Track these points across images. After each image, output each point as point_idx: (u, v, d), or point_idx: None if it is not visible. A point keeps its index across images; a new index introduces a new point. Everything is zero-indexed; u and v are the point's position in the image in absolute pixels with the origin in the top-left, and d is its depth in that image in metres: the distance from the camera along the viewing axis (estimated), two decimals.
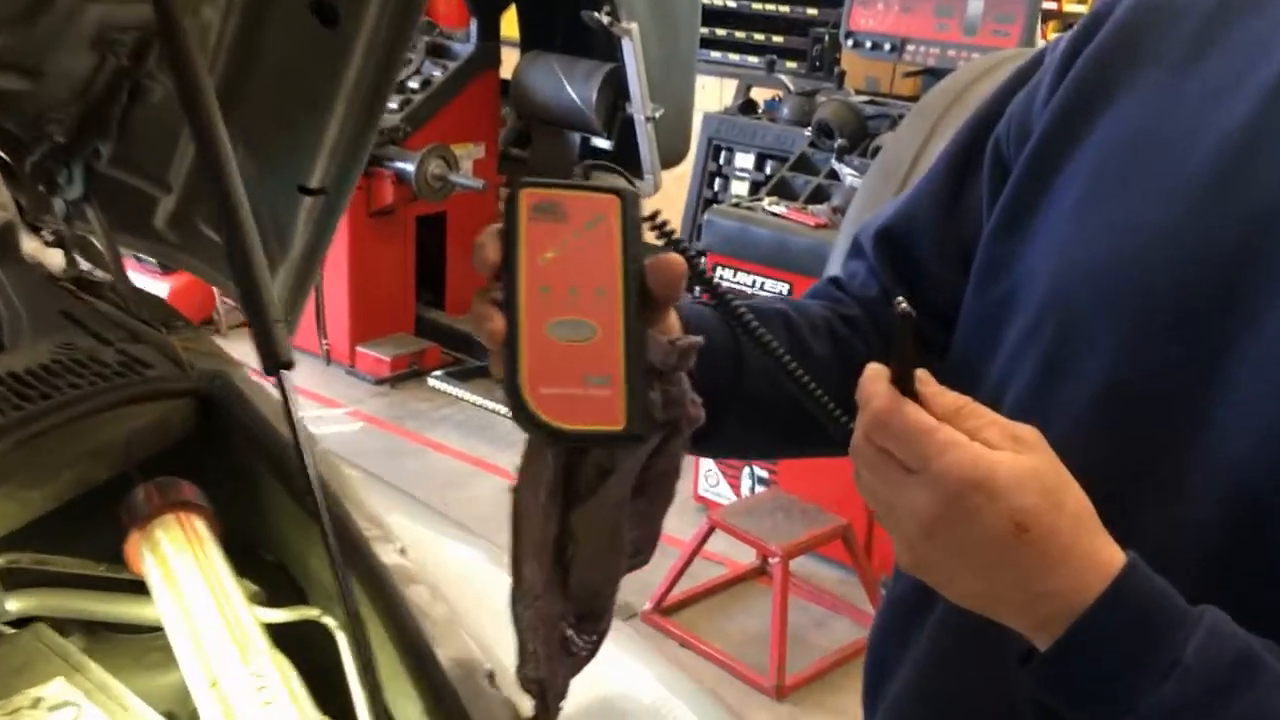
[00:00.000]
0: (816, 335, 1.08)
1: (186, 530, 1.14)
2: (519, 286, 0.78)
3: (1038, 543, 0.72)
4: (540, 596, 0.91)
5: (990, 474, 0.72)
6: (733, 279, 4.14)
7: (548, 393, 0.76)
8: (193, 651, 1.02)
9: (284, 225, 1.56)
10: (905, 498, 0.74)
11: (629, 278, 0.80)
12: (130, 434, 1.27)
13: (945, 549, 0.74)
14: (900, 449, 0.74)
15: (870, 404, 0.76)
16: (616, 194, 0.83)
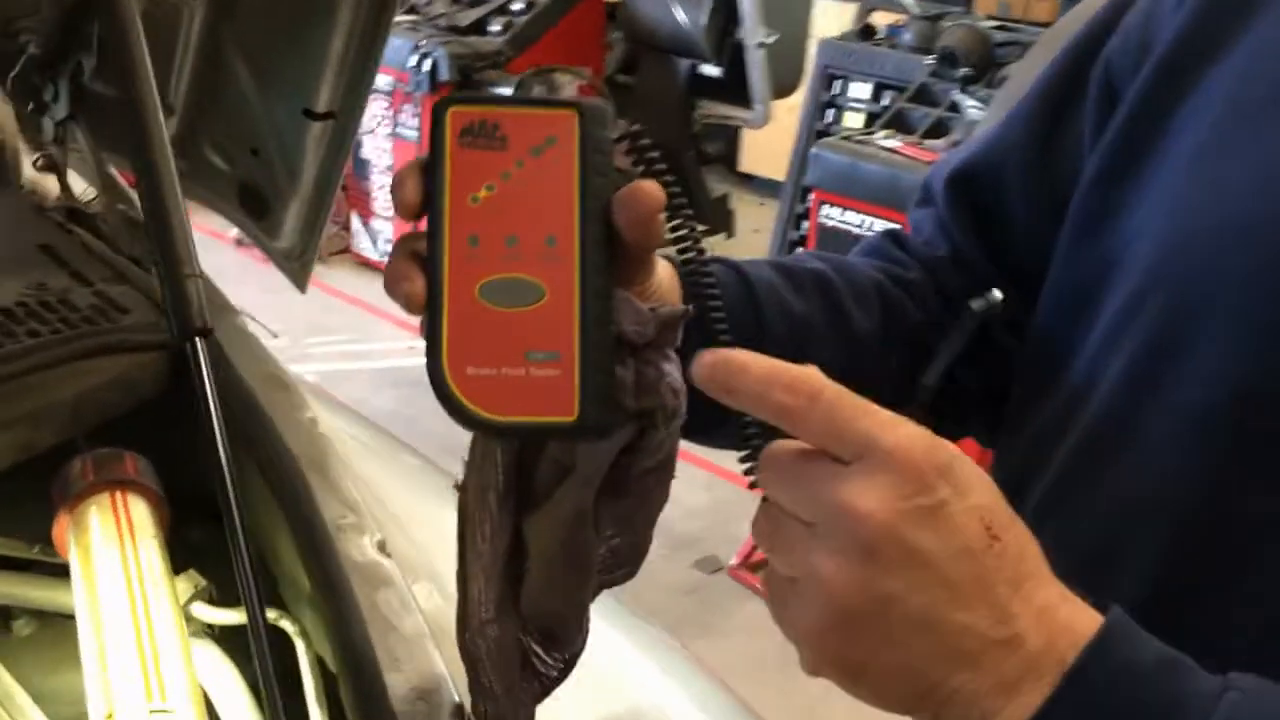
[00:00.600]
0: (861, 303, 0.88)
1: (119, 515, 0.97)
2: (443, 236, 0.61)
3: (1010, 561, 0.54)
4: (491, 621, 0.73)
5: (953, 460, 0.54)
6: (839, 218, 3.86)
7: (477, 374, 0.60)
8: (96, 671, 0.85)
9: (292, 155, 1.38)
10: (839, 500, 0.54)
11: (588, 220, 0.61)
12: (80, 394, 1.10)
13: (896, 569, 0.53)
14: (829, 432, 0.55)
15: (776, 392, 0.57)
16: (573, 107, 0.62)
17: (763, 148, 6.58)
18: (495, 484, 0.69)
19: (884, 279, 0.90)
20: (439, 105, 0.63)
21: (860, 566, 0.53)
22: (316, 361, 4.72)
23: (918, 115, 4.08)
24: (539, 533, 0.69)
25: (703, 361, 0.59)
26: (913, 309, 0.89)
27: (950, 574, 0.53)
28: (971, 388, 0.92)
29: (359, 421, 1.72)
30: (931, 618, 0.53)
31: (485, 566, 0.71)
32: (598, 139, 0.63)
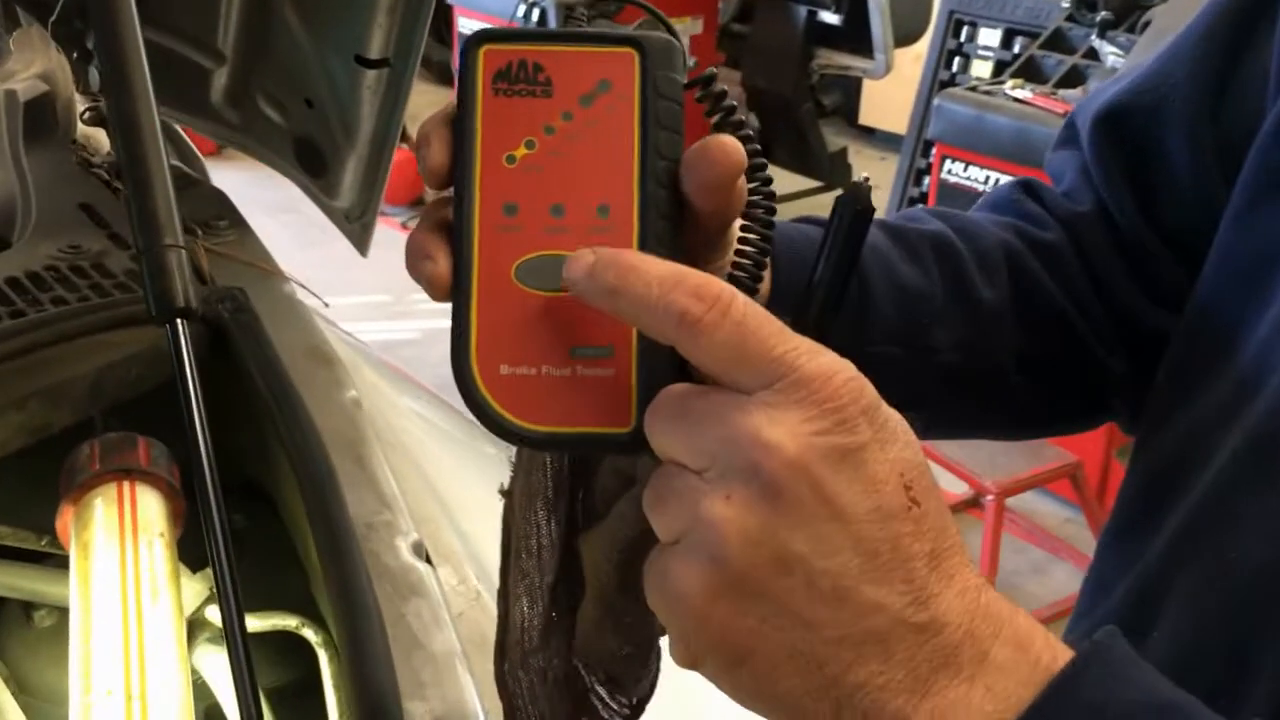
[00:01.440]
0: (987, 269, 0.76)
1: (124, 509, 0.87)
2: (473, 204, 0.50)
3: (930, 531, 0.45)
4: (537, 651, 0.61)
5: (879, 401, 0.45)
6: (963, 174, 3.63)
7: (512, 374, 0.49)
8: (79, 675, 0.76)
9: (347, 107, 1.26)
10: (739, 430, 0.44)
11: (650, 183, 0.50)
12: (102, 369, 1.01)
13: (803, 520, 0.43)
14: (737, 352, 0.44)
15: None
16: (632, 43, 0.51)
17: (883, 99, 6.32)
18: (544, 491, 0.58)
19: (1015, 241, 0.77)
20: (468, 42, 0.51)
21: (760, 510, 0.43)
22: (420, 318, 4.68)
23: (1051, 63, 3.82)
24: (594, 553, 0.57)
25: (580, 261, 0.47)
26: (1048, 278, 0.75)
27: (865, 535, 0.43)
28: (1115, 368, 0.79)
29: (435, 403, 1.62)
30: (839, 588, 0.43)
31: (531, 588, 0.60)
32: (663, 83, 0.51)
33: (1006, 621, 0.45)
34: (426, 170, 0.51)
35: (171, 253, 0.68)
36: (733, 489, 0.43)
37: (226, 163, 3.07)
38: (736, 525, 0.43)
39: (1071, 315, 0.78)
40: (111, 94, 0.70)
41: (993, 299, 0.76)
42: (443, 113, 0.52)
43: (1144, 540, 0.72)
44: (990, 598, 0.45)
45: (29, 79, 1.37)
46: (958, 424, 0.82)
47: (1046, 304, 0.77)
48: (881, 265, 0.74)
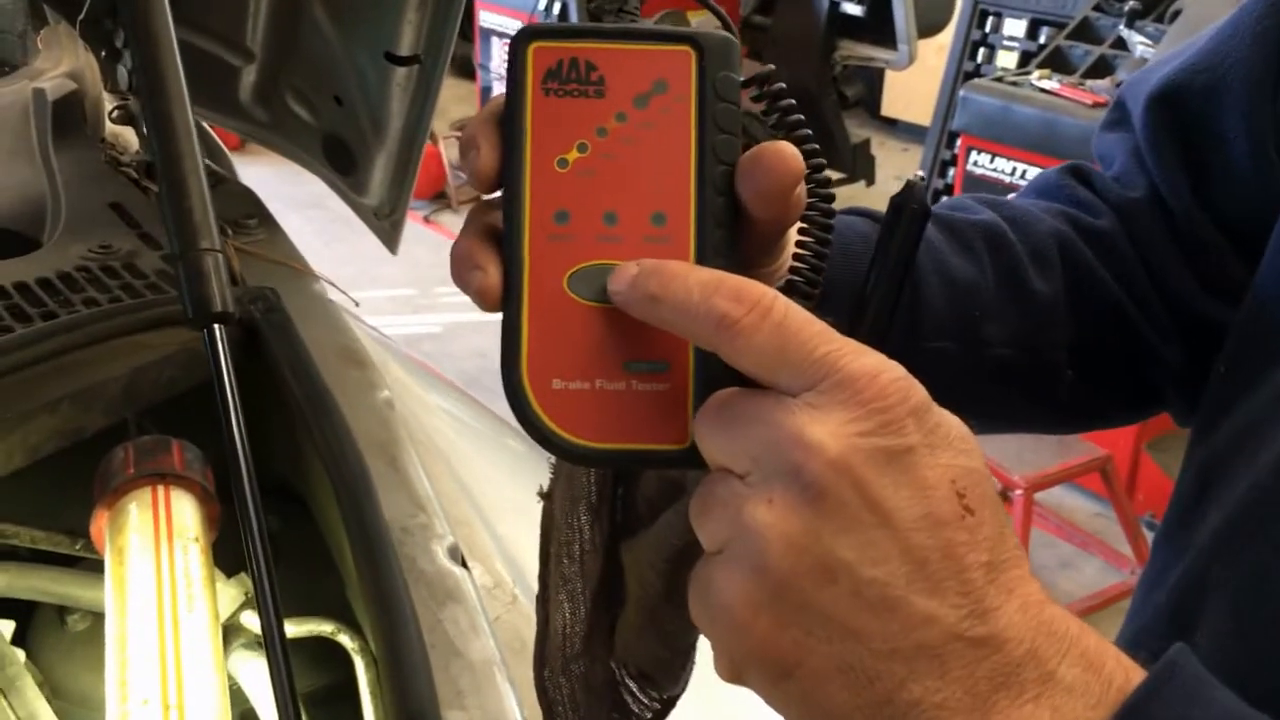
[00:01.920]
0: (1040, 260, 0.73)
1: (158, 515, 0.86)
2: (522, 211, 0.48)
3: (985, 540, 0.42)
4: (579, 657, 0.60)
5: (930, 403, 0.43)
6: (989, 165, 3.60)
7: (565, 388, 0.47)
8: (115, 684, 0.75)
9: (377, 104, 1.25)
10: (781, 431, 0.42)
11: (708, 190, 0.48)
12: (135, 371, 1.00)
13: (847, 525, 0.41)
14: (779, 354, 0.43)
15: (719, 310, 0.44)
16: (689, 41, 0.49)
17: (906, 90, 6.27)
18: (587, 496, 0.57)
19: (1067, 230, 0.74)
20: (517, 39, 0.49)
21: (803, 514, 0.41)
22: (444, 312, 4.67)
23: (1078, 53, 3.78)
24: (639, 561, 0.56)
25: (624, 272, 0.46)
26: (1101, 268, 0.73)
27: (914, 542, 0.41)
28: (1169, 358, 0.77)
29: (463, 400, 1.61)
30: (888, 598, 0.41)
31: (573, 593, 0.59)
32: (722, 83, 0.49)
33: (1075, 639, 0.42)
34: (475, 174, 0.49)
35: (208, 256, 0.67)
36: (775, 492, 0.41)
37: (249, 158, 3.07)
38: (778, 530, 0.41)
39: (1126, 305, 0.76)
40: (145, 94, 0.69)
41: (1046, 291, 0.73)
42: (488, 112, 0.50)
43: (1193, 535, 0.70)
44: (1056, 613, 0.42)
45: (57, 77, 1.36)
46: (1007, 418, 0.80)
47: (1101, 295, 0.75)
48: (932, 257, 0.72)
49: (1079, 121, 3.36)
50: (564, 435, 0.47)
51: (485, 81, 5.39)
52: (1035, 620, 0.42)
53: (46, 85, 1.35)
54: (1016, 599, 0.42)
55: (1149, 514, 3.39)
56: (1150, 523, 3.37)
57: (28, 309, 1.05)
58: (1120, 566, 3.30)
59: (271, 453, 1.08)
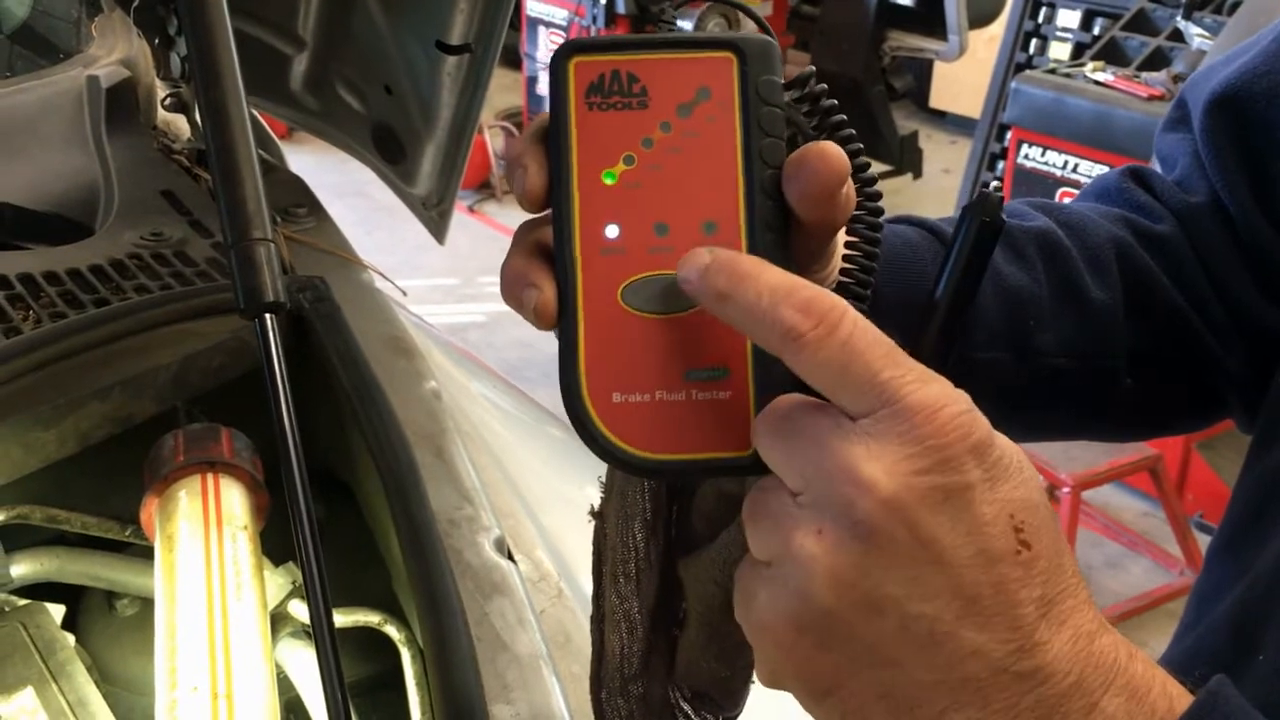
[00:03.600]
0: (1097, 267, 0.72)
1: (208, 502, 0.86)
2: (572, 226, 0.48)
3: (1040, 575, 0.41)
4: (637, 678, 0.59)
5: (991, 437, 0.42)
6: (1040, 159, 3.55)
7: (625, 400, 0.47)
8: (165, 670, 0.75)
9: (427, 93, 1.24)
10: (836, 462, 0.41)
11: (757, 196, 0.48)
12: (185, 359, 1.00)
13: (897, 562, 0.41)
14: (843, 373, 0.42)
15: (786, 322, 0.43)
16: (729, 47, 0.49)
17: (955, 82, 6.20)
18: (642, 513, 0.55)
19: (1125, 235, 0.72)
20: (557, 56, 0.49)
21: (852, 550, 0.41)
22: (487, 301, 4.68)
23: (1133, 45, 3.72)
24: (700, 578, 0.55)
25: (696, 260, 0.45)
26: (1161, 275, 0.71)
27: (964, 581, 0.41)
28: (1231, 366, 0.75)
29: (505, 388, 1.60)
30: (936, 633, 0.41)
31: (629, 613, 0.57)
32: (764, 87, 0.48)
33: (1121, 669, 0.42)
34: (524, 194, 0.48)
35: (260, 246, 0.67)
36: (824, 524, 0.41)
37: (293, 145, 3.08)
38: (825, 564, 0.41)
39: (1186, 313, 0.74)
40: (200, 83, 0.69)
41: (1104, 299, 0.72)
42: (533, 131, 0.50)
43: (1252, 552, 0.68)
44: (1104, 644, 0.42)
45: (111, 65, 1.37)
46: (1065, 427, 0.79)
47: (1161, 302, 0.73)
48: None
49: (1133, 115, 3.30)
50: (627, 448, 0.47)
51: (531, 71, 5.39)
52: (1084, 651, 0.41)
53: (100, 73, 1.35)
54: (1068, 630, 0.41)
55: (1198, 514, 3.33)
56: (1200, 523, 3.31)
57: (80, 295, 1.05)
58: (1169, 567, 3.25)
59: (317, 441, 1.08)
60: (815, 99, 0.51)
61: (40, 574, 0.93)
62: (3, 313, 1.02)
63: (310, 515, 0.65)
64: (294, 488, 0.66)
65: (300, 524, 0.65)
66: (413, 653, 0.89)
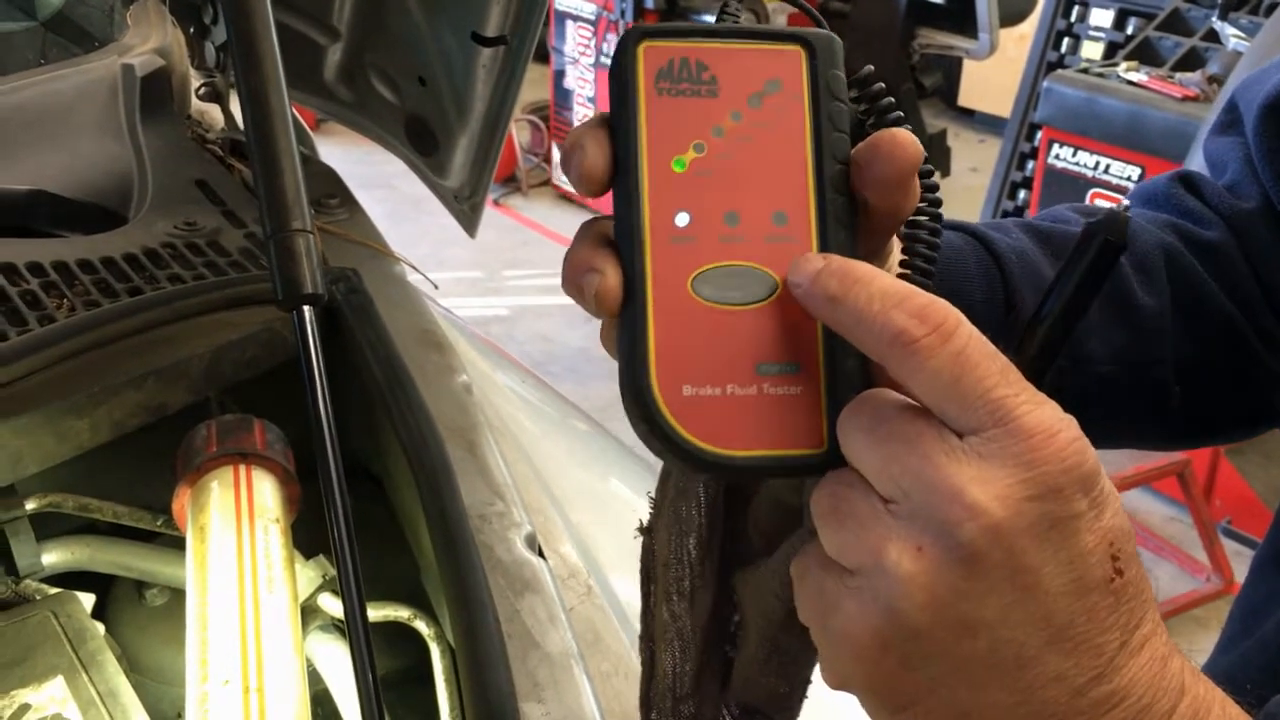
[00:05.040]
0: (1145, 273, 0.71)
1: (240, 494, 0.86)
2: (642, 213, 0.47)
3: (1127, 602, 0.41)
4: (689, 697, 0.57)
5: (1099, 467, 0.41)
6: (1071, 159, 3.52)
7: (696, 394, 0.46)
8: (197, 681, 0.75)
9: (461, 85, 1.24)
10: (944, 480, 0.40)
11: (828, 187, 0.47)
12: (218, 349, 1.00)
13: (995, 589, 0.40)
14: (953, 385, 0.41)
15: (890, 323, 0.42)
16: (798, 41, 0.49)
17: (985, 81, 6.16)
18: (697, 528, 0.54)
19: (1174, 241, 0.71)
20: (626, 39, 0.48)
21: (953, 573, 0.40)
22: (511, 295, 4.69)
23: (1168, 45, 3.68)
24: (760, 591, 0.53)
25: (810, 265, 0.44)
26: (1211, 281, 0.70)
27: (1059, 608, 0.40)
28: None
29: (531, 381, 1.60)
30: (1022, 658, 0.40)
31: (683, 631, 0.56)
32: (833, 82, 0.48)
33: (1186, 689, 0.42)
34: (581, 176, 0.47)
35: (300, 237, 0.66)
36: (925, 541, 0.40)
37: (322, 137, 3.09)
38: (923, 583, 0.40)
39: (1237, 320, 0.73)
40: (240, 73, 0.68)
41: (1152, 306, 0.71)
42: (596, 117, 0.49)
43: None
44: (1174, 668, 0.42)
45: (146, 53, 1.37)
46: (1113, 435, 0.78)
47: (1210, 309, 0.72)
48: (1028, 273, 0.69)
49: (1166, 115, 3.27)
50: (700, 444, 0.45)
51: (559, 65, 5.38)
52: (1157, 675, 0.41)
53: (135, 61, 1.35)
54: (1144, 655, 0.41)
55: (1226, 520, 3.30)
56: (1228, 529, 3.28)
57: (115, 284, 1.05)
58: (1195, 573, 3.22)
59: (348, 433, 1.07)
60: (874, 98, 0.50)
61: (71, 563, 0.93)
62: (37, 300, 1.02)
63: (345, 508, 0.65)
64: (329, 479, 0.65)
65: (335, 517, 0.65)
66: (442, 648, 0.89)
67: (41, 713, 0.79)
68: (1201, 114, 3.12)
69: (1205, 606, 3.11)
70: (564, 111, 5.39)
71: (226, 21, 0.69)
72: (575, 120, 5.33)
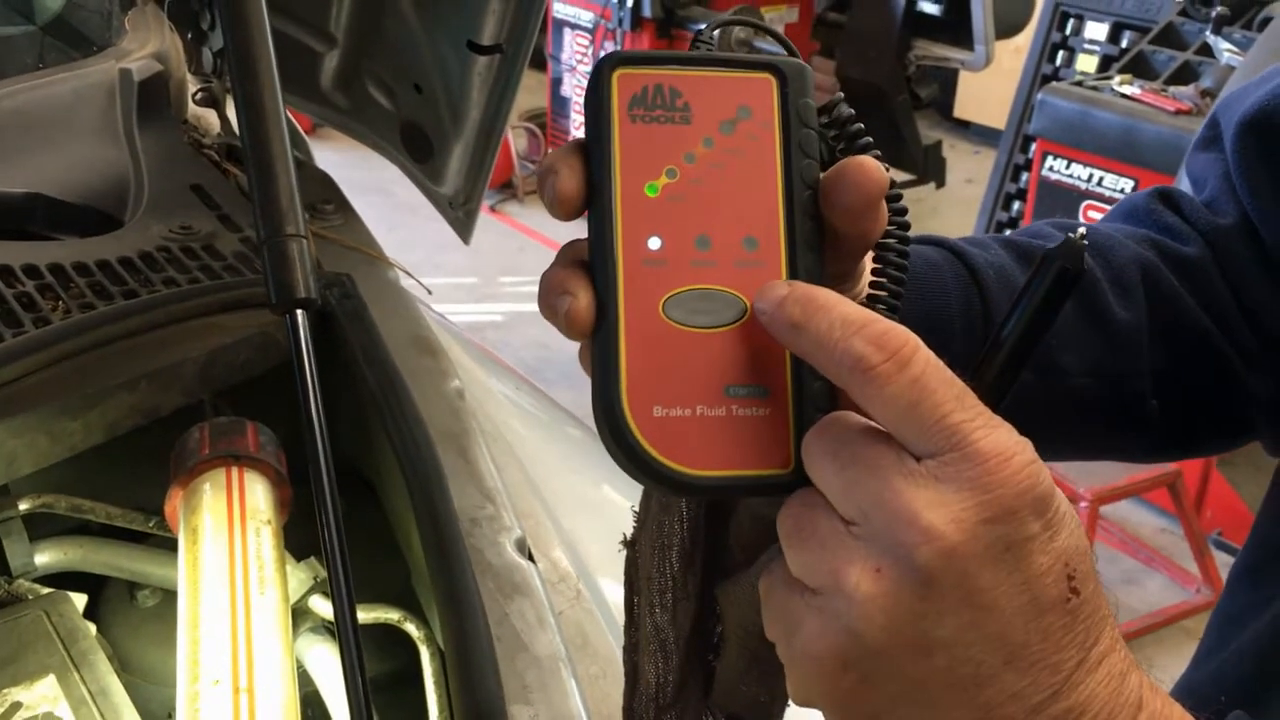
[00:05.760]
0: (1122, 287, 0.72)
1: (232, 496, 0.87)
2: (614, 237, 0.48)
3: (1084, 620, 0.42)
4: (669, 708, 0.59)
5: (1052, 489, 0.42)
6: (1065, 171, 3.53)
7: (666, 415, 0.47)
8: (188, 681, 0.75)
9: (457, 92, 1.25)
10: (901, 504, 0.41)
11: (797, 213, 0.49)
12: (212, 352, 1.01)
13: (951, 610, 0.41)
14: (910, 410, 0.42)
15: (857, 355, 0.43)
16: (769, 69, 0.50)
17: (980, 92, 6.18)
18: (679, 541, 0.55)
19: (1152, 256, 0.72)
20: (600, 66, 0.49)
21: (910, 594, 0.41)
22: (506, 301, 4.69)
23: (1161, 59, 3.70)
24: (740, 603, 0.54)
25: (774, 292, 0.45)
26: (1188, 296, 0.70)
27: (1015, 628, 0.42)
28: (1259, 389, 0.75)
29: (525, 387, 1.60)
30: (980, 676, 0.42)
31: (664, 642, 0.57)
32: (802, 109, 0.49)
33: (1144, 707, 0.43)
34: (555, 200, 0.48)
35: (294, 242, 0.67)
36: (884, 564, 0.41)
37: (317, 142, 3.09)
38: (881, 604, 0.41)
39: (1213, 335, 0.74)
40: (236, 78, 0.69)
41: (1128, 320, 0.71)
42: (571, 143, 0.50)
43: (1277, 578, 0.68)
44: (1132, 684, 0.43)
45: (143, 58, 1.38)
46: (1089, 448, 0.79)
47: (1187, 324, 0.73)
48: (1006, 287, 0.70)
49: (1160, 129, 3.29)
50: (669, 464, 0.46)
51: (556, 73, 5.40)
52: (1115, 691, 0.43)
53: (133, 66, 1.36)
54: (1102, 671, 0.43)
55: (1217, 532, 3.31)
56: (1218, 541, 3.29)
57: (109, 287, 1.06)
58: (1185, 584, 3.23)
59: (340, 436, 1.08)
60: (842, 123, 0.52)
61: (64, 563, 0.94)
62: (32, 302, 1.02)
63: (336, 510, 0.65)
64: (321, 482, 0.66)
65: (326, 519, 0.66)
66: (431, 651, 0.89)
67: (32, 711, 0.79)
68: (1194, 128, 3.14)
69: (1194, 618, 3.12)
70: (560, 119, 5.40)
71: (222, 26, 0.70)
72: (572, 128, 5.34)
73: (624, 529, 0.58)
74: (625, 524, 0.58)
